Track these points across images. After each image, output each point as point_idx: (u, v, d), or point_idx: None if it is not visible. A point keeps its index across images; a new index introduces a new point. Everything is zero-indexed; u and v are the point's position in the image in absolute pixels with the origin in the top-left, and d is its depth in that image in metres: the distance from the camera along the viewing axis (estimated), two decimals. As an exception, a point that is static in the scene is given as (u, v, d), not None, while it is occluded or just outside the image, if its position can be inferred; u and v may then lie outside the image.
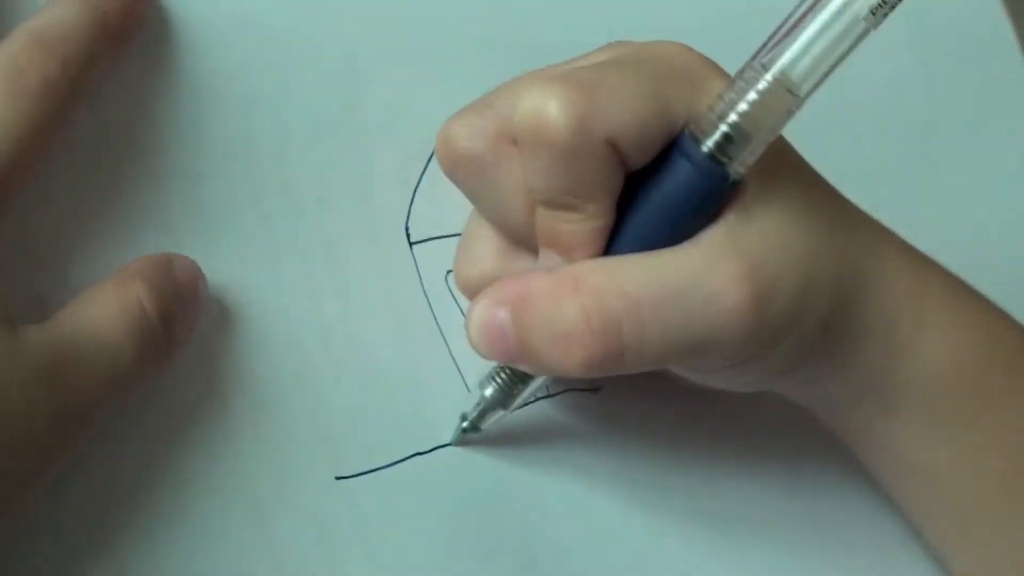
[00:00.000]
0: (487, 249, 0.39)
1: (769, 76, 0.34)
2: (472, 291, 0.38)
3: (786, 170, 0.37)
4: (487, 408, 0.41)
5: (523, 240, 0.38)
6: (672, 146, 0.35)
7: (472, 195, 0.38)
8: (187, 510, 0.38)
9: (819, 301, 0.37)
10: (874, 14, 0.33)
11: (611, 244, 0.36)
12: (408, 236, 0.43)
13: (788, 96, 0.34)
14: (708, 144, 0.34)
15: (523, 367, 0.38)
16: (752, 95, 0.34)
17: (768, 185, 0.36)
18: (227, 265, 0.40)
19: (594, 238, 0.36)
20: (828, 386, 0.40)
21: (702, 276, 0.35)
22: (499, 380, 0.40)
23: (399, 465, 0.41)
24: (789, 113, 0.34)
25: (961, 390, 0.41)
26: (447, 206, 0.43)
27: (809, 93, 0.34)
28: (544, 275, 0.36)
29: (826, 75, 0.34)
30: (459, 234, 0.41)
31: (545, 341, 0.35)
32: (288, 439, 0.40)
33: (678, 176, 0.35)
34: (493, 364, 0.40)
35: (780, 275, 0.36)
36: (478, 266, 0.39)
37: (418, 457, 0.41)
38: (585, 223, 0.36)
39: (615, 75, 0.35)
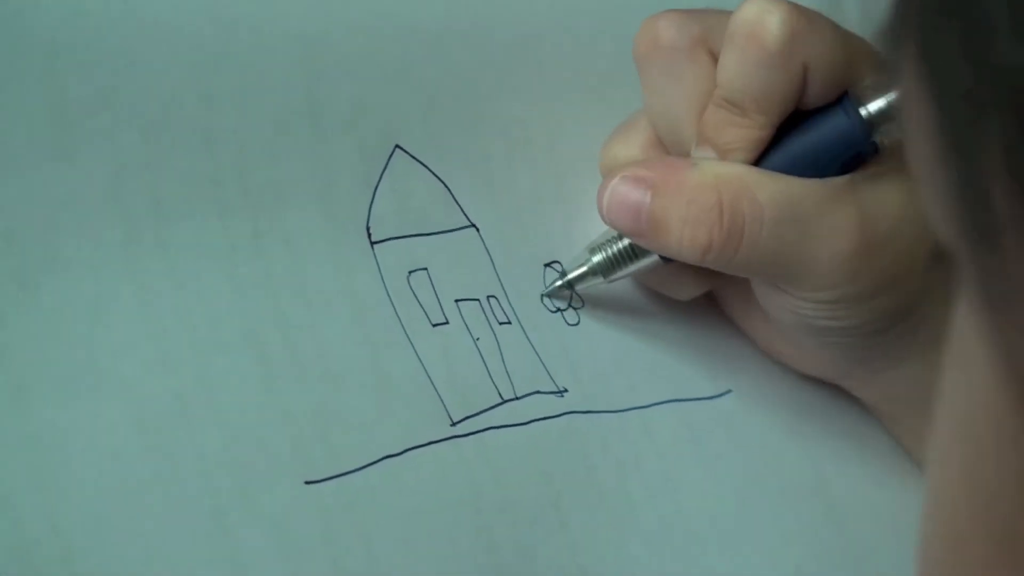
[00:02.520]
0: (641, 140, 0.43)
1: None
2: (612, 171, 0.42)
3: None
4: (589, 272, 0.44)
5: (674, 142, 0.42)
6: (835, 103, 0.40)
7: (651, 86, 0.42)
8: (144, 518, 0.35)
9: (914, 278, 0.41)
10: None
11: (757, 161, 0.41)
12: (369, 235, 0.42)
13: None
14: (868, 109, 0.39)
15: (642, 242, 0.42)
16: None
17: (896, 165, 0.40)
18: (185, 260, 0.38)
19: (751, 146, 0.40)
20: (896, 383, 0.44)
21: (824, 210, 0.40)
22: (608, 252, 0.43)
23: (368, 468, 0.39)
24: None
25: None
26: (408, 206, 0.42)
27: None
28: (689, 166, 0.40)
29: None
30: (420, 234, 0.42)
31: (676, 222, 0.40)
32: (251, 443, 0.37)
33: (834, 125, 0.40)
34: (606, 234, 0.43)
35: (889, 237, 0.40)
36: (627, 151, 0.43)
37: (388, 460, 0.39)
38: (750, 131, 0.40)
39: (823, 19, 0.40)
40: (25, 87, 0.36)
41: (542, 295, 0.44)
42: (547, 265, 0.45)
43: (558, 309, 0.45)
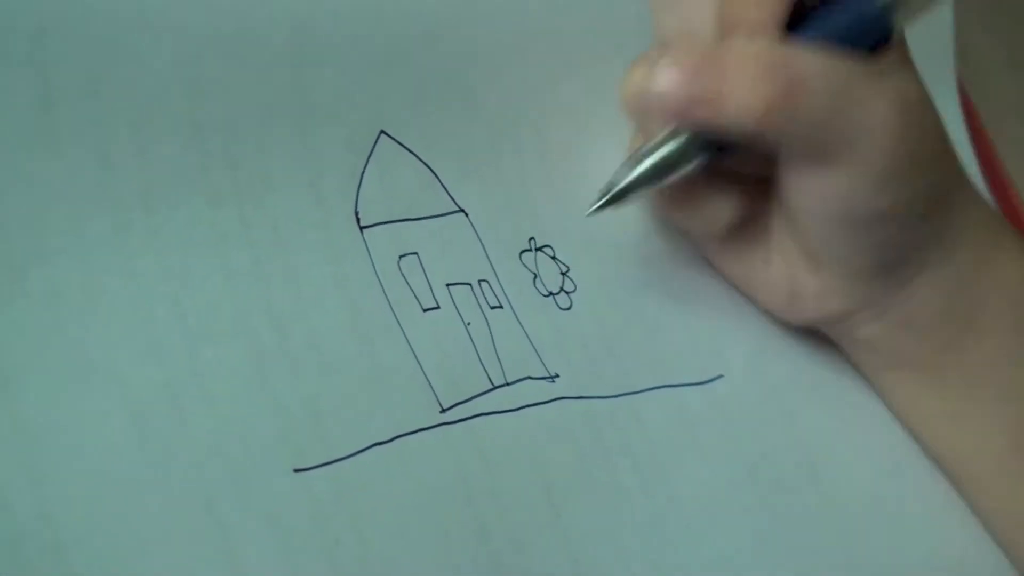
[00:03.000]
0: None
1: None
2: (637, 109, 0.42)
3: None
4: (638, 181, 0.43)
5: None
6: None
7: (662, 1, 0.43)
8: (135, 507, 0.35)
9: (946, 162, 0.43)
10: None
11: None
12: (358, 220, 0.41)
13: None
14: None
15: (700, 112, 0.40)
16: None
17: (908, 57, 0.42)
18: (174, 249, 0.38)
19: (778, 16, 0.40)
20: (929, 280, 0.45)
21: (869, 86, 0.40)
22: (653, 159, 0.42)
23: (358, 456, 0.39)
24: None
25: None
26: (396, 191, 0.42)
27: None
28: (732, 43, 0.40)
29: None
30: (408, 219, 0.42)
31: (735, 87, 0.39)
32: (242, 432, 0.37)
33: (854, 11, 0.41)
34: (649, 143, 0.42)
35: (922, 115, 0.41)
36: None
37: (377, 447, 0.39)
38: (765, 9, 0.40)
39: None
40: (10, 76, 0.36)
41: (587, 214, 0.44)
42: (523, 252, 0.45)
43: (550, 293, 0.45)
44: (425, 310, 0.42)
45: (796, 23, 0.41)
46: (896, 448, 0.50)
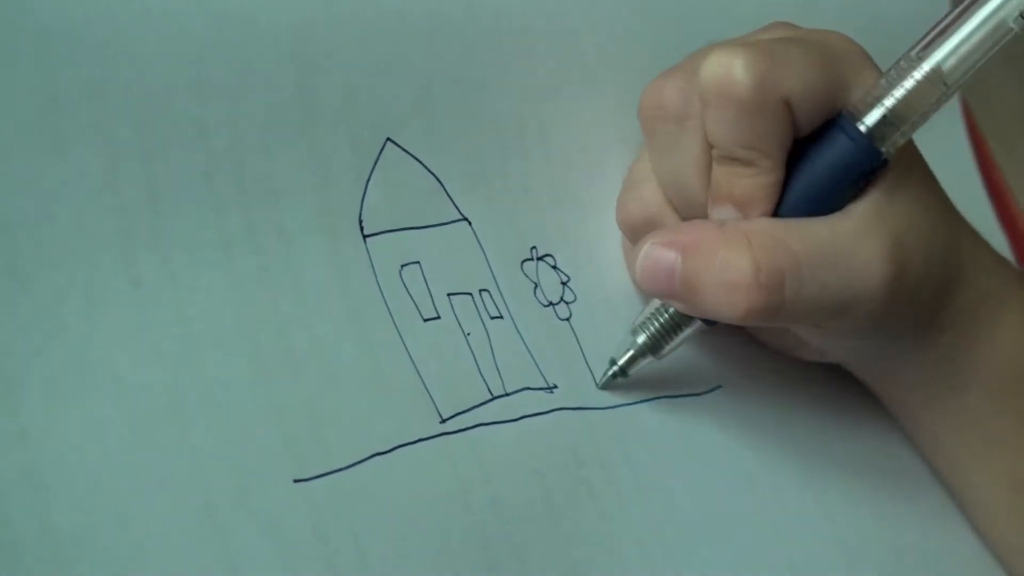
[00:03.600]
0: (655, 197, 0.43)
1: (925, 67, 0.39)
2: (633, 231, 0.43)
3: (916, 158, 0.42)
4: (638, 354, 0.43)
5: (684, 203, 0.42)
6: (832, 123, 0.40)
7: (660, 150, 0.42)
8: (135, 515, 0.35)
9: (936, 278, 0.42)
10: (1023, 17, 0.39)
11: (776, 207, 0.40)
12: (362, 228, 0.41)
13: (940, 87, 0.39)
14: (867, 123, 0.39)
15: (680, 307, 0.41)
16: (909, 82, 0.39)
17: (906, 169, 0.41)
18: (179, 254, 0.38)
19: (767, 193, 0.40)
20: (911, 358, 0.44)
21: (854, 246, 0.39)
22: (652, 328, 0.43)
23: (358, 466, 0.39)
24: (939, 102, 0.39)
25: None
26: (400, 199, 0.42)
27: (956, 86, 0.39)
28: (716, 227, 0.40)
29: (972, 71, 0.39)
30: (412, 227, 0.42)
31: (712, 287, 0.39)
32: (243, 440, 0.37)
33: (838, 150, 0.40)
34: (645, 312, 0.43)
35: (914, 250, 0.41)
36: (645, 209, 0.43)
37: (378, 457, 0.39)
38: (759, 177, 0.39)
39: (792, 47, 0.39)
40: (16, 77, 0.36)
41: (598, 387, 0.44)
42: (524, 261, 0.45)
43: (550, 303, 0.45)
44: (426, 320, 0.42)
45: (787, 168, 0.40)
46: (894, 455, 0.50)
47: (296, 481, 0.37)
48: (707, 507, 0.44)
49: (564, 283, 0.45)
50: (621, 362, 0.44)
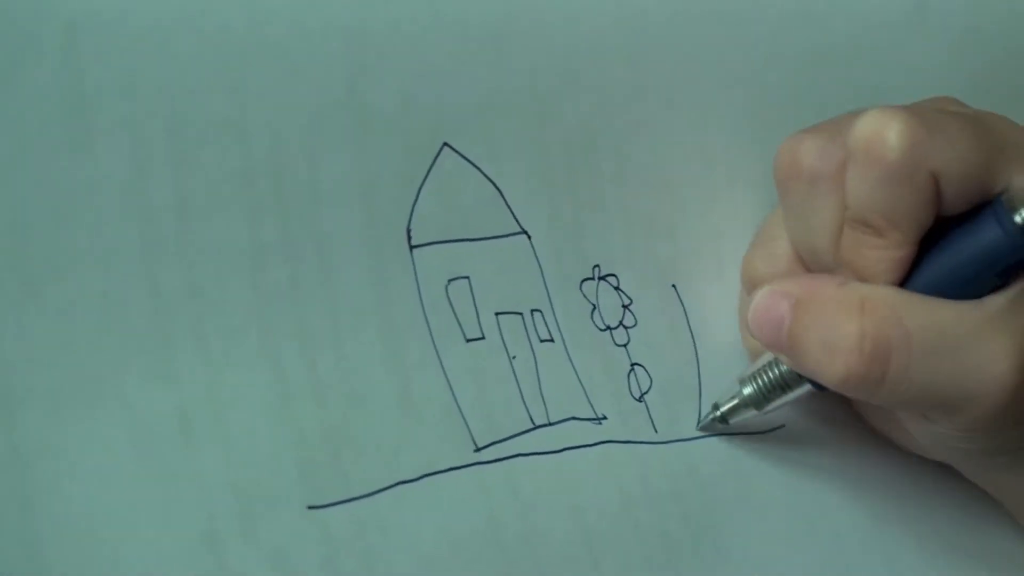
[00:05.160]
0: (785, 256, 0.41)
1: None
2: (756, 285, 0.41)
3: None
4: (741, 404, 0.42)
5: (815, 264, 0.40)
6: (983, 207, 0.37)
7: (793, 209, 0.40)
8: (133, 542, 0.33)
9: None
10: None
11: (903, 282, 0.38)
12: (409, 239, 0.39)
13: None
14: (1022, 215, 0.36)
15: (784, 360, 0.40)
16: None
17: None
18: (207, 261, 0.36)
19: (893, 267, 0.38)
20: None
21: (979, 339, 0.37)
22: (759, 383, 0.41)
23: (380, 495, 0.37)
24: None
25: None
26: (454, 208, 0.39)
27: None
28: (835, 284, 0.38)
29: None
30: (465, 239, 0.40)
31: (815, 344, 0.38)
32: (254, 464, 0.35)
33: (985, 236, 0.37)
34: (756, 364, 0.41)
35: None
36: (773, 267, 0.41)
37: (402, 486, 0.37)
38: (887, 251, 0.37)
39: (953, 121, 0.37)
40: (41, 71, 0.34)
41: (697, 428, 0.43)
42: (584, 280, 0.42)
43: (608, 327, 0.42)
44: (468, 340, 0.40)
45: (923, 247, 0.38)
46: (969, 512, 0.47)
47: (310, 508, 0.35)
48: (761, 558, 0.42)
49: (625, 306, 0.43)
50: (723, 410, 0.42)
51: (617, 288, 0.43)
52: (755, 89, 0.45)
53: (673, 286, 0.44)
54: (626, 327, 0.43)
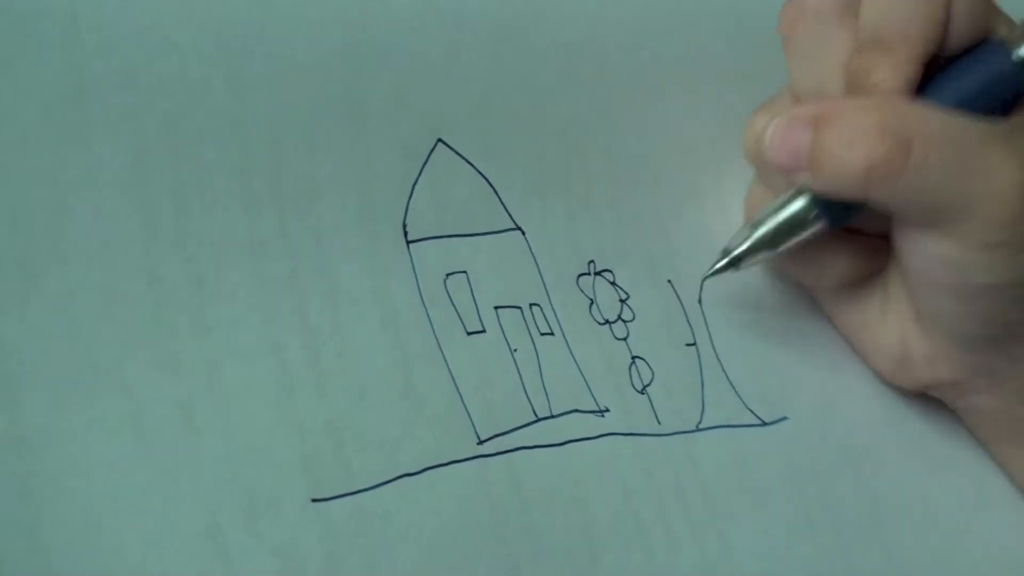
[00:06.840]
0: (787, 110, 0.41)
1: None
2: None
3: None
4: (756, 245, 0.42)
5: None
6: (981, 45, 0.40)
7: (798, 54, 0.41)
8: (133, 535, 0.33)
9: None
10: None
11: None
12: (405, 234, 0.39)
13: None
14: (1019, 53, 0.39)
15: (803, 176, 0.40)
16: None
17: None
18: (204, 256, 0.36)
19: (903, 83, 0.39)
20: None
21: (985, 146, 0.38)
22: (772, 223, 0.41)
23: (382, 487, 0.36)
24: None
25: None
26: (449, 204, 0.39)
27: None
28: (852, 100, 0.39)
29: None
30: (460, 235, 0.40)
31: (838, 145, 0.38)
32: (258, 457, 0.35)
33: (990, 67, 0.39)
34: (766, 209, 0.41)
35: None
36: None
37: (404, 479, 0.37)
38: (898, 67, 0.39)
39: None
40: (41, 63, 0.34)
41: (703, 278, 0.43)
42: (580, 275, 0.42)
43: (606, 321, 0.42)
44: (469, 333, 0.39)
45: (926, 82, 0.40)
46: (972, 503, 0.46)
47: (314, 501, 0.35)
48: (762, 551, 0.41)
49: (623, 301, 0.43)
50: (737, 251, 0.42)
51: (613, 283, 0.43)
52: (746, 86, 0.46)
53: (669, 281, 0.44)
54: (624, 321, 0.43)
